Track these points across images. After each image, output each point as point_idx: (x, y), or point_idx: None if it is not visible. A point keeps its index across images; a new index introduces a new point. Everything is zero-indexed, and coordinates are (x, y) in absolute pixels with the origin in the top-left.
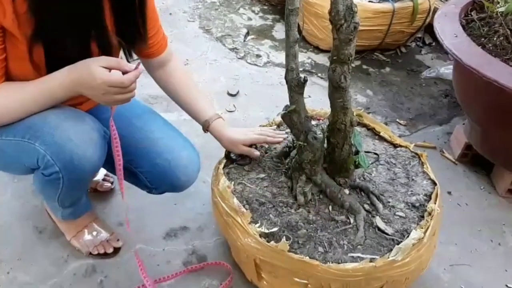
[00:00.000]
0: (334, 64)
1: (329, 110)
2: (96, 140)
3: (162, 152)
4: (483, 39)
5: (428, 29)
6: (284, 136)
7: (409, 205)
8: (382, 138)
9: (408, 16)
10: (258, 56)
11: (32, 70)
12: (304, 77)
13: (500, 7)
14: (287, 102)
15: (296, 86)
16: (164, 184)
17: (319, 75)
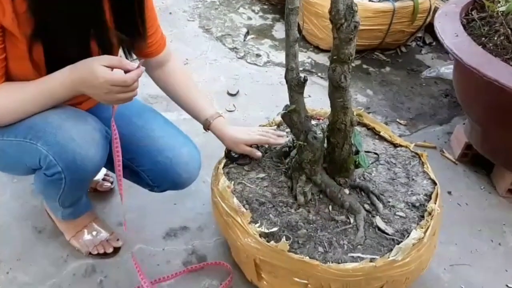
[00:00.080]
0: (334, 64)
1: (329, 110)
2: (98, 140)
3: (163, 150)
4: (484, 39)
5: (429, 29)
6: (286, 139)
7: (409, 205)
8: (382, 138)
9: (409, 16)
10: (258, 56)
11: (32, 70)
12: (304, 77)
13: (501, 7)
14: (287, 102)
15: (296, 86)
16: (166, 182)
17: (319, 75)
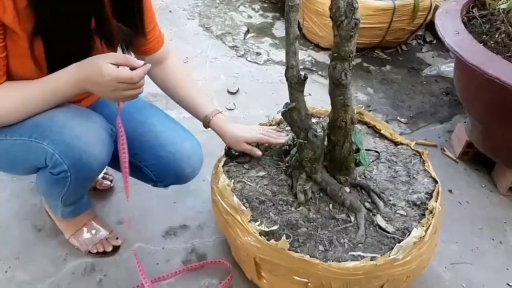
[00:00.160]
0: (335, 61)
1: (330, 108)
2: (104, 138)
3: (166, 145)
4: (485, 36)
5: (429, 27)
6: (286, 138)
7: (410, 203)
8: (383, 136)
9: (409, 14)
10: (258, 54)
11: (34, 68)
12: (304, 75)
13: (502, 4)
14: (288, 100)
15: (296, 84)
16: (169, 176)
17: (320, 73)
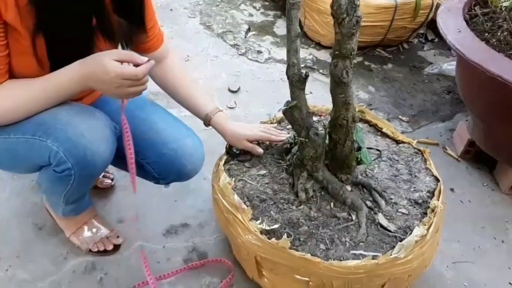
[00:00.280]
0: (336, 59)
1: (331, 106)
2: (108, 136)
3: (168, 142)
4: (487, 34)
5: (431, 25)
6: (287, 136)
7: (412, 202)
8: (385, 134)
9: (411, 12)
10: (259, 52)
11: (36, 66)
12: (306, 72)
13: (504, 2)
14: (289, 98)
15: (298, 81)
16: (171, 174)
17: (321, 72)
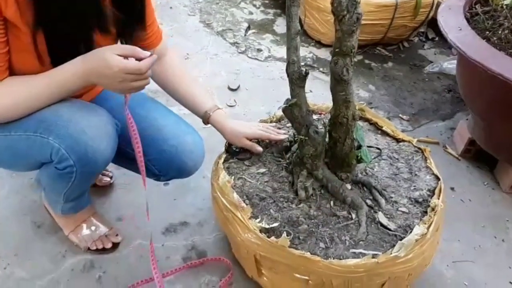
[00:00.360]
0: (337, 57)
1: (331, 105)
2: (110, 133)
3: (168, 139)
4: (488, 33)
5: (431, 24)
6: (286, 135)
7: (412, 201)
8: (385, 133)
9: (411, 10)
10: (259, 51)
11: (36, 63)
12: (306, 70)
13: (505, 0)
14: (289, 97)
15: (298, 79)
16: (172, 170)
17: (321, 70)
